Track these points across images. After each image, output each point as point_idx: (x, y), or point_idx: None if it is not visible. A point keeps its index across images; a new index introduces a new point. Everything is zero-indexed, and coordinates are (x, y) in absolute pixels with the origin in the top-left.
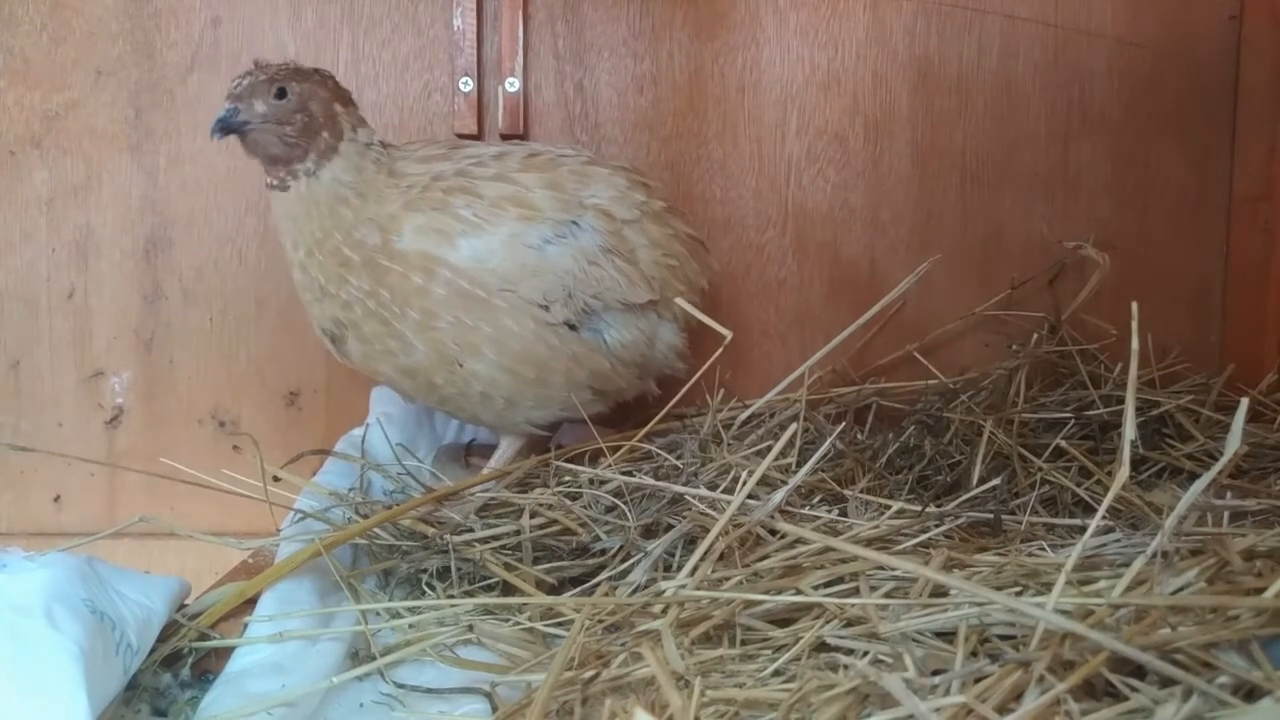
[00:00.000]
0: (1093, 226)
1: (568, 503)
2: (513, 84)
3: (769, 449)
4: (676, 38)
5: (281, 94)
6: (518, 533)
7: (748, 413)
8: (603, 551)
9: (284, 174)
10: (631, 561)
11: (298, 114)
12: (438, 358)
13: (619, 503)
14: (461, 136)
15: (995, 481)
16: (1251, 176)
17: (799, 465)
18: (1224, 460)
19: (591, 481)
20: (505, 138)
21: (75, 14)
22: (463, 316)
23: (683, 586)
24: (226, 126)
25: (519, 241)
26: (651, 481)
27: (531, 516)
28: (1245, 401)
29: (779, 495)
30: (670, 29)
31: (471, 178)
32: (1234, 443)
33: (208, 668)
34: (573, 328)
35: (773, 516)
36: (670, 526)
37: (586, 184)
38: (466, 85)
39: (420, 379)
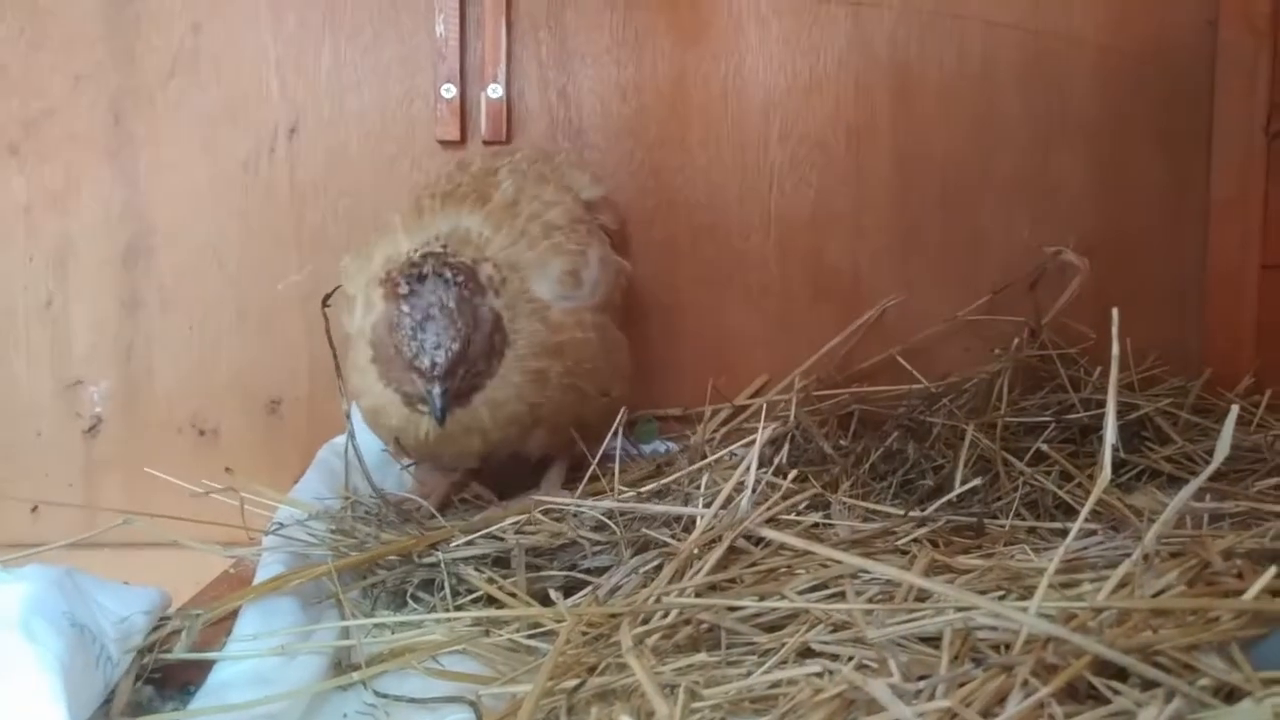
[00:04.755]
0: (1073, 231)
1: (553, 524)
2: (495, 90)
3: (751, 458)
4: (659, 45)
5: (466, 345)
6: (506, 550)
7: (730, 425)
8: (589, 570)
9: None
10: (620, 576)
11: (480, 357)
12: (596, 394)
13: (609, 521)
14: (444, 143)
15: (976, 482)
16: (1228, 180)
17: (778, 473)
18: (1212, 466)
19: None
20: (489, 144)
21: (54, 19)
22: (607, 347)
23: (666, 594)
24: (445, 407)
25: (601, 257)
26: (632, 506)
27: (519, 533)
28: (1235, 409)
29: (744, 504)
30: (653, 36)
31: (550, 221)
32: (1223, 450)
33: (189, 679)
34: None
35: (754, 524)
36: (660, 544)
37: (576, 179)
38: (449, 92)
39: (570, 421)
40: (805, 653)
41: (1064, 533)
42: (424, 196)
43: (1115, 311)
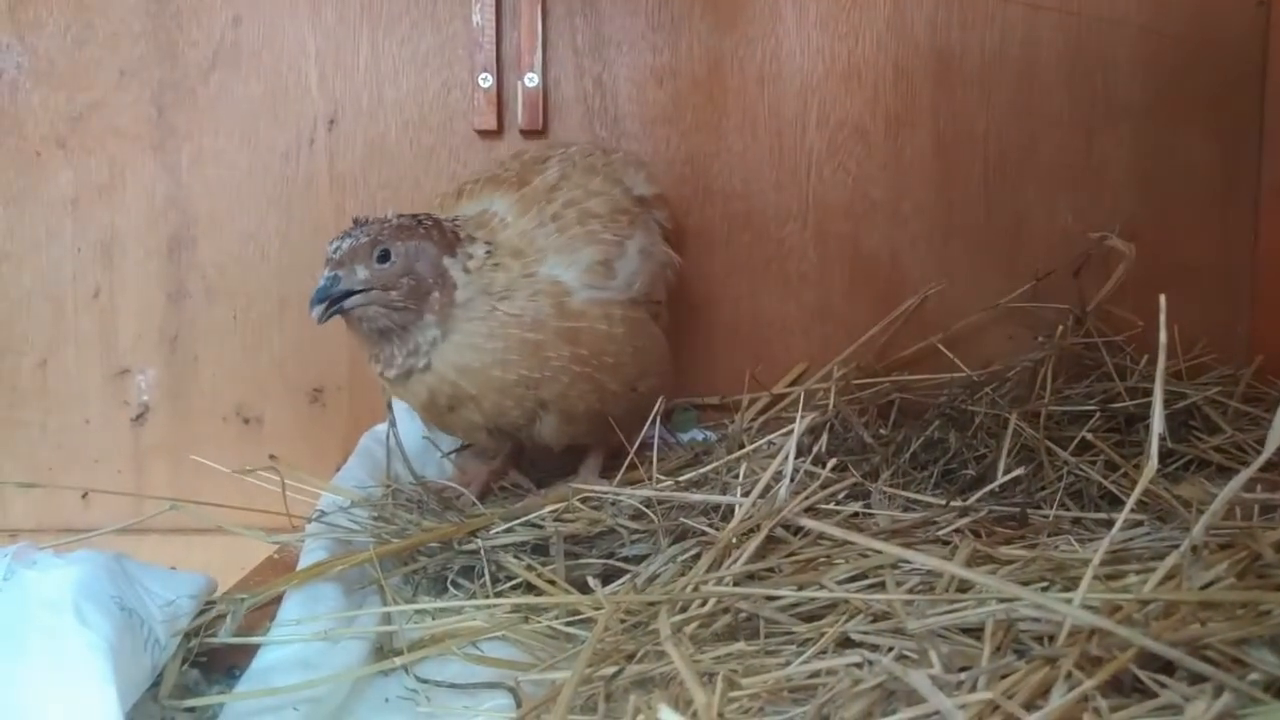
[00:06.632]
0: (1117, 217)
1: (592, 513)
2: (532, 79)
3: (789, 447)
4: (695, 30)
5: (384, 256)
6: (544, 538)
7: (768, 414)
8: (627, 558)
9: (405, 355)
10: (658, 564)
11: (404, 277)
12: (622, 390)
13: (647, 510)
14: (481, 133)
15: (1019, 471)
16: None
17: (817, 462)
18: (1264, 456)
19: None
20: (525, 133)
21: (98, 15)
22: (636, 343)
23: (704, 582)
24: (328, 298)
25: (642, 249)
26: (670, 494)
27: (558, 521)
28: None
29: (783, 493)
30: (689, 21)
31: (588, 209)
32: (1275, 439)
33: (235, 662)
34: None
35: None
36: (698, 532)
37: (631, 175)
38: (486, 81)
39: (587, 412)
40: (844, 643)
41: (1109, 523)
42: (469, 181)
43: (1163, 298)
